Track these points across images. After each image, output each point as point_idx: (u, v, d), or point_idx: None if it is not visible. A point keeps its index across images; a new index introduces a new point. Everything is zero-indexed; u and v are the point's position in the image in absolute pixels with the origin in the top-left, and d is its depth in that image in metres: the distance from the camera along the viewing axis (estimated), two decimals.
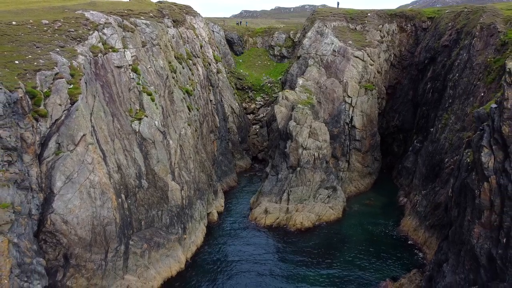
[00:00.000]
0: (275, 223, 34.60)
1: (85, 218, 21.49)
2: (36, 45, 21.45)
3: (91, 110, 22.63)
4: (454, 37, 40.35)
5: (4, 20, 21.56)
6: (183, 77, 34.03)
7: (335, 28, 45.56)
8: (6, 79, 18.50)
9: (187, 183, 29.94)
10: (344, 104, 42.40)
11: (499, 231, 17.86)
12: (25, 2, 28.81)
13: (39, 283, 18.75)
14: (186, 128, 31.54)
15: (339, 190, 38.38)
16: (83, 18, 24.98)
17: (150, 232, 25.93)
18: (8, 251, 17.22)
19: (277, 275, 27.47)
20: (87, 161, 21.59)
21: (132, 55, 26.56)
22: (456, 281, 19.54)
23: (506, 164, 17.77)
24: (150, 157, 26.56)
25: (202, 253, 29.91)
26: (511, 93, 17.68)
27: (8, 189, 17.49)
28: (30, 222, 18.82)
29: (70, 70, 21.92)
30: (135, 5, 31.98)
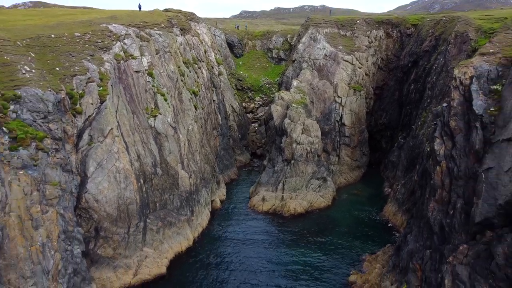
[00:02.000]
0: (271, 209, 39.20)
1: (112, 198, 26.08)
2: (71, 54, 26.01)
3: (116, 108, 27.22)
4: (433, 43, 44.96)
5: (45, 33, 26.09)
6: (190, 79, 38.69)
7: (327, 34, 50.18)
8: (52, 83, 23.06)
9: (194, 172, 34.56)
10: (334, 103, 47.03)
11: (448, 205, 22.45)
12: (54, 15, 33.34)
13: (78, 247, 23.34)
14: (193, 124, 36.16)
15: (329, 181, 42.99)
16: (107, 31, 29.55)
17: (163, 213, 30.54)
18: (56, 220, 21.83)
19: (273, 251, 32.04)
20: (113, 151, 26.18)
21: (148, 62, 31.18)
22: (416, 247, 24.13)
23: (453, 151, 22.36)
24: (163, 148, 31.18)
25: (207, 233, 34.51)
26: (456, 94, 22.29)
27: (56, 170, 22.08)
28: (72, 199, 23.41)
29: (99, 75, 26.49)
30: (148, 17, 36.59)
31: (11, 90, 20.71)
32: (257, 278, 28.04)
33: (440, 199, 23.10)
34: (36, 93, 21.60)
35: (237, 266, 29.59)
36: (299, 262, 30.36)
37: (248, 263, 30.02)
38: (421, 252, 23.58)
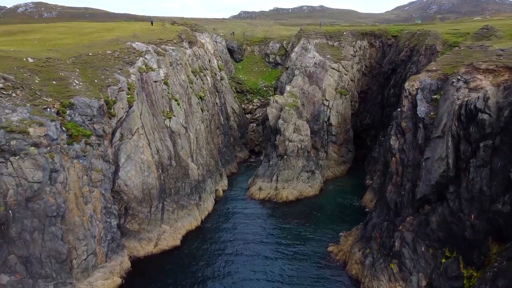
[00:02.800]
0: (267, 197, 46.06)
1: (138, 183, 32.93)
2: (105, 68, 32.80)
3: (140, 111, 34.06)
4: (408, 54, 51.82)
5: (84, 52, 32.81)
6: (197, 86, 45.55)
7: (317, 45, 57.05)
8: (94, 93, 29.88)
9: (201, 164, 41.45)
10: (323, 106, 53.92)
11: (400, 187, 29.35)
12: (83, 33, 40.11)
13: (115, 221, 30.21)
14: (200, 124, 43.04)
15: (317, 173, 49.87)
16: (132, 48, 36.32)
17: (177, 197, 37.39)
18: (99, 198, 28.70)
19: (266, 229, 38.88)
20: (139, 146, 33.03)
21: (164, 73, 38.01)
22: (378, 221, 31.03)
23: (404, 146, 29.26)
24: (176, 144, 38.04)
25: (212, 216, 41.38)
26: (406, 102, 29.20)
27: (99, 160, 28.95)
28: (109, 183, 30.28)
29: (127, 85, 33.31)
30: (163, 34, 43.37)
31: (67, 99, 27.53)
32: (252, 249, 34.86)
33: (395, 183, 30.03)
34: (85, 101, 28.46)
35: (236, 241, 36.37)
36: (288, 237, 37.20)
37: (245, 239, 36.81)
38: (381, 224, 30.50)
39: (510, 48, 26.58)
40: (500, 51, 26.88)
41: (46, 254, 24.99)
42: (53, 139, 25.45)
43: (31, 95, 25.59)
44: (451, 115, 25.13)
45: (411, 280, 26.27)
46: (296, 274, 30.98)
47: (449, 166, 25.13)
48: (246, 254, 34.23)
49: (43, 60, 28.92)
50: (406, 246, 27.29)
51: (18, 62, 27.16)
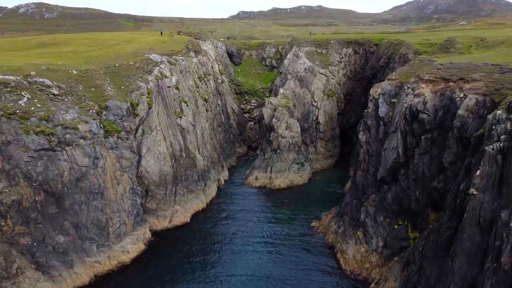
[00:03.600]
0: (262, 185, 53.94)
1: (156, 170, 40.79)
2: (129, 77, 40.61)
3: (157, 112, 41.92)
4: (386, 61, 59.73)
5: (112, 64, 40.64)
6: (202, 90, 53.45)
7: (307, 52, 64.98)
8: (122, 97, 37.72)
9: (206, 157, 49.36)
10: (312, 107, 61.85)
11: (367, 172, 37.30)
12: (107, 46, 47.90)
13: (139, 200, 38.12)
14: (205, 123, 50.94)
15: (306, 165, 57.80)
16: (149, 59, 44.17)
17: (186, 183, 45.29)
18: (128, 180, 36.60)
19: (261, 210, 46.80)
20: (157, 140, 40.88)
21: (175, 79, 45.86)
22: (350, 200, 38.98)
23: (369, 139, 37.21)
24: (186, 139, 45.92)
25: (216, 200, 49.25)
26: (371, 104, 37.12)
27: (127, 151, 36.83)
28: (135, 169, 38.17)
29: (147, 90, 41.15)
30: (173, 45, 51.19)
31: (103, 102, 35.39)
32: (249, 225, 42.71)
33: (363, 169, 38.01)
34: (116, 103, 36.34)
35: (236, 220, 44.22)
36: (280, 217, 45.13)
37: (243, 218, 44.63)
38: (351, 202, 38.46)
39: (447, 63, 34.49)
40: (440, 65, 34.79)
41: (90, 222, 32.90)
42: (95, 134, 33.34)
43: (78, 100, 33.46)
44: (401, 115, 33.07)
45: (372, 242, 34.25)
46: (286, 243, 38.88)
47: (399, 154, 33.07)
48: (244, 229, 42.10)
49: (83, 72, 36.76)
50: (369, 217, 35.24)
51: (66, 73, 34.96)
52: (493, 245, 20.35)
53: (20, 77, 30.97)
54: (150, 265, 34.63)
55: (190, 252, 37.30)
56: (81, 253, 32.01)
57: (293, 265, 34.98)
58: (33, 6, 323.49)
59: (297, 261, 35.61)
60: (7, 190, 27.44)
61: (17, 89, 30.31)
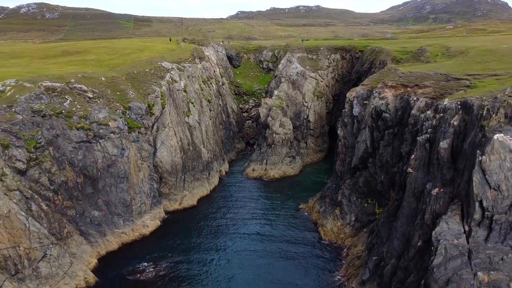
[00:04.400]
0: (258, 176, 62.15)
1: (168, 161, 48.95)
2: (146, 82, 48.71)
3: (169, 111, 50.08)
4: (369, 66, 67.95)
5: (131, 71, 48.71)
6: (206, 92, 61.64)
7: (299, 58, 73.16)
8: (141, 99, 45.86)
9: (210, 150, 57.54)
10: (303, 107, 70.04)
11: (344, 161, 45.56)
12: (124, 54, 55.92)
13: (155, 184, 46.31)
14: (209, 121, 59.11)
15: (298, 159, 66.04)
16: (161, 67, 52.28)
17: (193, 172, 53.49)
18: (147, 168, 44.80)
19: (257, 197, 55.03)
20: (169, 135, 49.04)
21: (183, 84, 54.00)
22: (330, 185, 47.23)
23: (346, 134, 45.46)
24: (193, 135, 54.08)
25: (218, 188, 57.44)
26: (347, 105, 45.33)
27: (146, 143, 45.01)
28: (152, 159, 46.35)
29: (160, 93, 49.29)
30: (181, 54, 59.26)
31: (126, 103, 43.53)
32: (246, 208, 50.90)
33: (341, 159, 46.26)
34: (137, 105, 44.51)
35: (235, 204, 52.41)
36: (273, 202, 53.32)
37: (242, 202, 52.88)
38: (332, 187, 46.72)
39: (407, 72, 42.71)
40: (401, 74, 43.00)
41: (118, 201, 41.08)
42: (121, 129, 41.51)
43: (107, 102, 41.62)
44: (369, 114, 41.30)
45: (346, 218, 42.52)
46: (277, 221, 47.09)
47: (368, 146, 41.30)
48: (242, 212, 50.32)
49: (110, 78, 44.90)
50: (344, 198, 43.49)
51: (97, 80, 43.10)
52: (421, 208, 28.61)
53: (64, 84, 39.10)
54: (165, 237, 42.81)
55: (197, 228, 45.48)
56: (111, 225, 40.20)
57: (283, 238, 43.20)
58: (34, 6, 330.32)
59: (286, 234, 43.86)
60: (57, 173, 35.58)
61: (62, 94, 38.44)
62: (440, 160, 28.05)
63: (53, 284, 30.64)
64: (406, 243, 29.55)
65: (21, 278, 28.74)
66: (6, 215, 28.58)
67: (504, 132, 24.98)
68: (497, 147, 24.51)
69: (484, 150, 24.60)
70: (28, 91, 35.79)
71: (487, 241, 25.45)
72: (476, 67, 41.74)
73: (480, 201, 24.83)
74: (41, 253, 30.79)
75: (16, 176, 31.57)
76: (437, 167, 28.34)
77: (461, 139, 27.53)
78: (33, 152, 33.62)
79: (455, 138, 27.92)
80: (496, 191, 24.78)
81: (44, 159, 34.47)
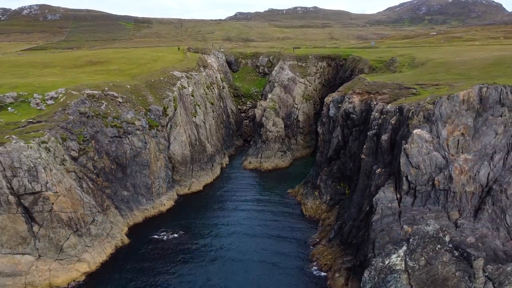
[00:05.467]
0: (254, 168, 73.55)
1: (180, 153, 60.34)
2: (161, 88, 60.02)
3: (180, 113, 61.47)
4: (350, 73, 79.38)
5: (149, 79, 59.95)
6: (209, 96, 73.05)
7: (290, 65, 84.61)
8: (158, 103, 57.21)
9: (213, 145, 69.00)
10: (293, 108, 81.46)
11: (322, 153, 57.07)
12: (141, 64, 67.18)
13: (170, 172, 57.74)
14: (212, 121, 70.56)
15: (288, 153, 77.46)
16: (173, 75, 63.59)
17: (199, 164, 64.91)
18: (163, 159, 56.22)
19: (253, 185, 66.47)
20: (180, 132, 60.43)
21: (191, 89, 65.37)
22: (312, 173, 58.68)
23: (324, 131, 56.95)
24: (199, 132, 65.50)
25: (220, 177, 68.82)
26: (325, 108, 56.80)
27: (162, 139, 56.40)
28: (167, 151, 57.77)
29: (173, 97, 60.68)
30: (189, 63, 70.58)
31: (147, 106, 54.92)
32: (243, 193, 62.29)
33: (321, 151, 57.79)
34: (156, 107, 55.92)
35: (234, 189, 63.76)
36: (266, 188, 64.76)
37: (240, 188, 64.19)
38: (313, 174, 58.21)
39: (371, 81, 54.15)
40: (367, 83, 54.43)
41: (141, 184, 52.47)
42: (144, 127, 52.87)
43: (133, 105, 53.00)
44: (341, 115, 52.74)
45: (323, 197, 53.96)
46: (269, 202, 58.49)
47: (339, 140, 52.72)
48: (240, 195, 61.68)
49: (133, 86, 56.27)
50: (322, 182, 54.91)
51: (124, 88, 54.45)
52: (369, 183, 40.04)
53: (100, 91, 50.48)
54: (178, 213, 54.14)
55: (204, 206, 56.85)
56: (137, 203, 51.57)
57: (273, 214, 54.58)
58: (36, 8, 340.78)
59: (276, 211, 55.26)
60: (98, 160, 46.94)
61: (99, 99, 49.81)
62: (382, 149, 39.61)
63: (100, 241, 42.03)
64: (359, 210, 41.07)
65: (79, 234, 40.11)
66: (68, 189, 39.96)
67: (421, 128, 36.56)
68: (416, 139, 36.09)
69: (408, 141, 36.16)
70: (75, 97, 47.18)
71: (413, 205, 37.09)
72: (426, 78, 53.17)
73: (406, 177, 36.38)
74: (91, 218, 42.15)
75: (72, 161, 42.98)
76: (380, 153, 39.91)
77: (396, 133, 39.07)
78: (82, 144, 45.03)
79: (392, 133, 39.47)
80: (417, 169, 36.37)
81: (89, 149, 45.88)
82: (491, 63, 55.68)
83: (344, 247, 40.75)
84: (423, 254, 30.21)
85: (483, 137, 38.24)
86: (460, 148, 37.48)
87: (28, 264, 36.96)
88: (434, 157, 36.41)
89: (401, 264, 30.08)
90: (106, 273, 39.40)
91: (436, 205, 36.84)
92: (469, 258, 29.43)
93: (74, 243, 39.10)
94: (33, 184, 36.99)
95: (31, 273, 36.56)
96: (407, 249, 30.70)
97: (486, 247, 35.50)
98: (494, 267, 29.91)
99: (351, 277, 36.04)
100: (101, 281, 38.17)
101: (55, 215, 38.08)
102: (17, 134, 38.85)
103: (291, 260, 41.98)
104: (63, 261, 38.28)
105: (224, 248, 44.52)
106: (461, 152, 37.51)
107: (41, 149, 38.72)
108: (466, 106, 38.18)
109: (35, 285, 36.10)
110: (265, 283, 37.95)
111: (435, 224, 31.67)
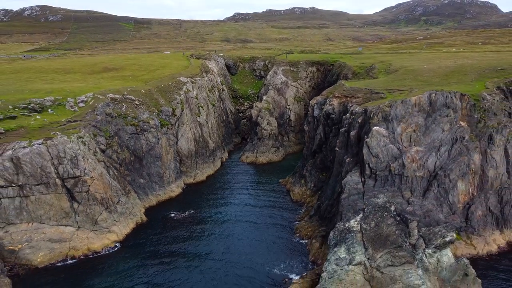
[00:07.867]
0: (251, 162, 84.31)
1: (186, 148, 71.11)
2: (169, 92, 70.70)
3: (186, 113, 72.23)
4: (336, 77, 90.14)
5: (160, 84, 70.64)
6: (211, 98, 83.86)
7: (283, 70, 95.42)
8: (168, 105, 67.92)
9: (214, 142, 79.86)
10: (286, 109, 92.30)
11: (309, 148, 67.91)
12: (151, 70, 77.78)
13: (178, 164, 68.66)
14: (213, 120, 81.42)
15: (281, 149, 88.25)
16: (180, 81, 74.26)
17: (203, 157, 75.71)
18: (173, 152, 67.03)
19: (250, 177, 77.27)
20: (186, 130, 71.20)
21: (195, 93, 76.13)
22: (300, 165, 69.56)
23: (310, 129, 67.80)
24: (202, 130, 76.32)
25: (220, 169, 79.58)
26: (310, 109, 67.63)
27: (171, 136, 67.19)
28: (175, 146, 68.59)
29: (180, 100, 71.46)
30: (193, 69, 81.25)
31: (159, 108, 65.67)
32: (241, 182, 73.09)
33: (307, 147, 68.67)
34: (166, 109, 66.71)
35: (233, 180, 74.54)
36: (261, 179, 75.57)
37: (238, 179, 74.95)
38: (301, 165, 69.06)
39: (350, 86, 64.97)
40: (345, 87, 65.24)
41: (155, 173, 63.25)
42: (157, 126, 63.64)
43: (147, 107, 63.76)
44: (322, 115, 63.56)
45: (308, 185, 64.80)
46: (263, 190, 69.32)
47: (321, 137, 63.53)
48: (238, 184, 72.43)
49: (147, 90, 67.00)
50: (307, 172, 65.72)
51: (139, 92, 65.15)
52: (341, 170, 50.91)
53: (120, 95, 61.23)
54: (186, 198, 64.90)
55: (207, 193, 67.63)
56: (151, 189, 62.32)
57: (265, 200, 65.35)
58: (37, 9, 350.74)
59: (268, 197, 66.08)
60: (120, 153, 57.70)
61: (120, 102, 60.57)
62: (351, 142, 50.50)
63: (124, 217, 52.80)
64: (333, 191, 51.94)
65: (109, 211, 50.86)
66: (100, 174, 50.73)
67: (379, 125, 47.42)
68: (375, 134, 46.93)
69: (369, 135, 47.00)
70: (102, 101, 57.95)
71: (374, 186, 47.91)
72: (395, 84, 64.02)
73: (368, 164, 47.22)
74: (117, 199, 52.90)
75: (101, 153, 53.79)
76: (350, 146, 50.79)
77: (361, 130, 49.94)
78: (108, 139, 55.81)
79: (359, 130, 50.34)
80: (376, 158, 47.21)
81: (113, 144, 56.65)
82: (451, 71, 66.64)
83: (321, 221, 51.63)
84: (373, 219, 41.08)
85: (432, 133, 49.18)
86: (413, 142, 48.34)
87: (70, 233, 47.70)
88: (390, 149, 47.19)
89: (357, 226, 40.93)
90: (130, 241, 50.20)
91: (392, 187, 47.60)
92: (406, 221, 40.29)
93: (106, 217, 49.88)
94: (74, 170, 47.73)
95: (73, 240, 47.30)
96: (363, 215, 41.57)
97: (431, 219, 46.39)
98: (426, 228, 40.78)
99: (324, 242, 46.91)
100: (128, 247, 48.97)
101: (91, 195, 48.84)
102: (60, 130, 49.58)
103: (280, 232, 52.81)
104: (97, 231, 49.04)
105: (225, 224, 55.37)
106: (414, 145, 48.39)
107: (79, 142, 49.50)
108: (418, 108, 49.10)
109: (77, 249, 46.85)
110: (259, 247, 48.82)
111: (384, 197, 42.58)
